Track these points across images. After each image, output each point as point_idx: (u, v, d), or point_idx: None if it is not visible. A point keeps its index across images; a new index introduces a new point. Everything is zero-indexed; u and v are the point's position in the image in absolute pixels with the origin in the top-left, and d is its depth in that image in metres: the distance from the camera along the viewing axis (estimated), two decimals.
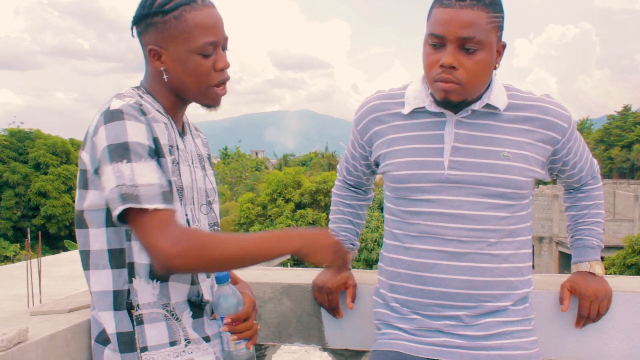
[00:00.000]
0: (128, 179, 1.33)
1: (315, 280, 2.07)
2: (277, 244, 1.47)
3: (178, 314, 1.52)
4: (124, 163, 1.34)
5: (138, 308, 1.48)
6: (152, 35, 1.50)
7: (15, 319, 1.67)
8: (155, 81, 1.56)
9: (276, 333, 2.17)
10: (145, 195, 1.33)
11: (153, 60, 1.52)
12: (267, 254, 1.46)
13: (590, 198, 1.93)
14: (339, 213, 2.08)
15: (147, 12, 1.49)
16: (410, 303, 1.74)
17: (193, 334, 1.54)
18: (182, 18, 1.47)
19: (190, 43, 1.48)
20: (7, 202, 33.06)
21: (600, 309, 1.86)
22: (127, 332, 1.47)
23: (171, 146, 1.50)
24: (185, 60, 1.49)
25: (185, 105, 1.61)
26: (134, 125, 1.38)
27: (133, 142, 1.36)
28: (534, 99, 1.71)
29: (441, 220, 1.67)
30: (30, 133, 36.05)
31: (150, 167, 1.37)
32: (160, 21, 1.48)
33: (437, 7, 1.57)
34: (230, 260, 1.43)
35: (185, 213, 1.52)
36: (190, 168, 1.58)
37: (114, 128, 1.37)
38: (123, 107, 1.40)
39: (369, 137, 1.83)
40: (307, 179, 32.96)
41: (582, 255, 1.90)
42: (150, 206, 1.33)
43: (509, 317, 1.70)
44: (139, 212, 1.34)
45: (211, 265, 1.43)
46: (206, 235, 1.42)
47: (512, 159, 1.66)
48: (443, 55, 1.56)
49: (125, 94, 1.48)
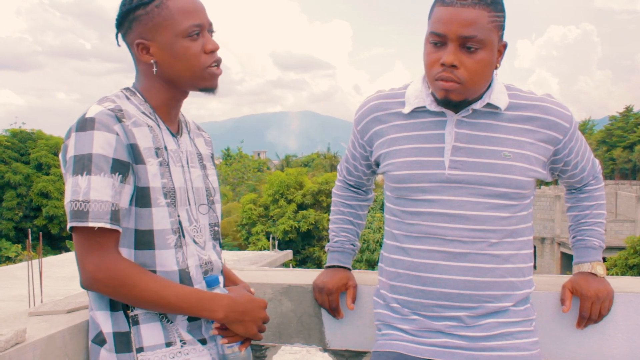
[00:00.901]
0: (82, 193, 1.38)
1: (316, 281, 2.07)
2: (200, 308, 1.49)
3: (171, 316, 1.52)
4: (83, 176, 1.38)
5: (134, 308, 1.48)
6: (137, 30, 1.51)
7: (14, 319, 1.67)
8: (146, 78, 1.56)
9: (277, 334, 2.16)
10: (94, 211, 1.37)
11: (142, 55, 1.52)
12: (187, 312, 1.50)
13: (592, 198, 1.92)
14: (339, 213, 2.08)
15: (129, 7, 1.50)
16: (410, 304, 1.73)
17: (187, 336, 1.53)
18: (164, 6, 1.49)
19: (175, 28, 1.49)
20: (9, 202, 33.11)
21: (601, 309, 1.85)
22: (123, 332, 1.47)
23: (158, 148, 1.50)
24: (173, 46, 1.50)
25: (179, 102, 1.61)
26: (102, 135, 1.40)
27: (96, 155, 1.39)
28: (535, 98, 1.70)
29: (442, 221, 1.66)
30: (32, 134, 36.14)
31: (107, 182, 1.40)
32: (143, 13, 1.49)
33: (439, 6, 1.57)
34: (145, 304, 1.46)
35: (177, 214, 1.52)
36: (183, 169, 1.58)
37: (83, 138, 1.40)
38: (97, 115, 1.41)
39: (369, 137, 1.82)
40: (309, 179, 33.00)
41: (583, 255, 1.89)
42: (96, 224, 1.37)
43: (510, 318, 1.69)
44: (83, 226, 1.38)
45: (126, 301, 1.46)
46: (132, 274, 1.43)
47: (513, 159, 1.65)
48: (444, 54, 1.55)
49: (109, 98, 1.49)
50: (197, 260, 1.57)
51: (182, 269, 1.52)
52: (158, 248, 1.48)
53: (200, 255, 1.58)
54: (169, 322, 1.51)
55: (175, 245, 1.51)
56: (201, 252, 1.59)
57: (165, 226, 1.49)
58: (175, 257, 1.51)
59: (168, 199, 1.50)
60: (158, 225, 1.48)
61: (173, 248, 1.51)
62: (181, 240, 1.52)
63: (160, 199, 1.48)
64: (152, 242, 1.48)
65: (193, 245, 1.56)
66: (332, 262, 2.06)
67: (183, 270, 1.52)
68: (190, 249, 1.55)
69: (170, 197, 1.50)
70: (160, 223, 1.48)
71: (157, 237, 1.48)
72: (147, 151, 1.47)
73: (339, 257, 2.05)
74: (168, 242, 1.50)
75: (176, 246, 1.51)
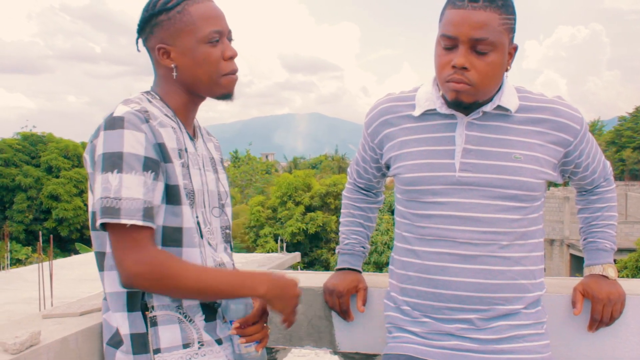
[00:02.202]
0: (114, 190, 1.37)
1: (326, 284, 2.07)
2: (242, 285, 1.49)
3: (191, 316, 1.53)
4: (114, 173, 1.38)
5: (153, 309, 1.49)
6: (159, 35, 1.53)
7: (28, 322, 1.68)
8: (165, 82, 1.58)
9: (287, 336, 2.17)
10: (126, 209, 1.37)
11: (163, 59, 1.54)
12: (229, 293, 1.50)
13: (603, 200, 1.91)
14: (349, 216, 2.08)
15: (152, 12, 1.53)
16: (421, 306, 1.73)
17: (206, 336, 1.54)
18: (186, 11, 1.51)
19: (197, 33, 1.51)
20: (19, 205, 33.27)
21: (613, 312, 1.85)
22: (140, 334, 1.48)
23: (180, 150, 1.52)
24: (194, 51, 1.52)
25: (196, 106, 1.63)
26: (132, 134, 1.40)
27: (127, 153, 1.39)
28: (545, 100, 1.70)
29: (452, 223, 1.67)
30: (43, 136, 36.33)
31: (139, 180, 1.40)
32: (165, 19, 1.52)
33: (450, 9, 1.57)
34: (188, 292, 1.45)
35: (195, 215, 1.53)
36: (200, 171, 1.59)
37: (112, 136, 1.40)
38: (125, 115, 1.42)
39: (379, 140, 1.83)
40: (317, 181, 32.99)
41: (594, 258, 1.89)
42: (128, 221, 1.37)
43: (521, 321, 1.69)
44: (117, 224, 1.38)
45: (168, 293, 1.46)
46: (172, 264, 1.42)
47: (523, 161, 1.65)
48: (455, 56, 1.56)
49: (133, 100, 1.50)
50: (212, 262, 1.58)
51: None
52: (185, 246, 1.50)
53: (213, 258, 1.59)
54: (190, 321, 1.53)
55: (199, 244, 1.53)
56: (214, 254, 1.60)
57: (192, 224, 1.51)
58: (200, 256, 1.53)
59: (189, 200, 1.52)
60: (187, 222, 1.50)
61: (198, 247, 1.53)
62: (201, 241, 1.54)
63: (185, 198, 1.50)
64: (180, 239, 1.49)
65: (208, 247, 1.58)
66: (343, 264, 2.06)
67: None
68: (206, 251, 1.57)
69: (190, 198, 1.52)
70: (189, 221, 1.51)
71: (185, 235, 1.50)
72: (173, 151, 1.49)
73: (349, 260, 2.05)
74: (195, 241, 1.52)
75: (199, 245, 1.53)
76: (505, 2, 1.56)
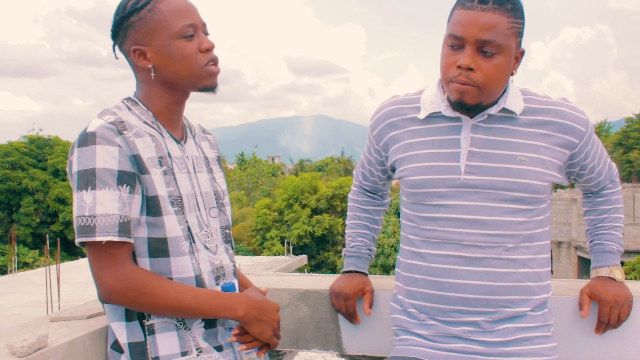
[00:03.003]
0: (88, 208, 1.38)
1: (333, 286, 2.07)
2: (220, 307, 1.50)
3: (188, 323, 1.52)
4: (88, 191, 1.38)
5: (149, 318, 1.49)
6: (132, 36, 1.52)
7: (35, 325, 1.69)
8: (145, 85, 1.57)
9: (293, 339, 2.17)
10: (101, 225, 1.38)
11: (139, 61, 1.53)
12: (207, 313, 1.50)
13: (610, 202, 1.91)
14: (356, 219, 2.08)
15: (122, 15, 1.52)
16: (427, 309, 1.73)
17: (204, 344, 1.54)
18: (156, 9, 1.50)
19: (169, 29, 1.50)
20: (26, 208, 33.41)
21: (620, 314, 1.84)
22: (138, 342, 1.48)
23: (161, 157, 1.51)
24: (169, 47, 1.51)
25: (180, 106, 1.61)
26: (104, 149, 1.40)
27: (100, 169, 1.39)
28: (550, 102, 1.69)
29: (458, 226, 1.66)
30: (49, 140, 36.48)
31: (114, 195, 1.40)
32: (136, 20, 1.50)
33: (459, 9, 1.57)
34: (166, 310, 1.46)
35: (186, 221, 1.52)
36: (189, 175, 1.58)
37: (85, 153, 1.40)
38: (97, 130, 1.41)
39: (384, 143, 1.83)
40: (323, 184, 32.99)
41: (601, 260, 1.88)
42: (103, 239, 1.37)
43: (528, 323, 1.68)
44: (93, 242, 1.39)
45: (146, 310, 1.46)
46: (150, 282, 1.43)
47: (528, 163, 1.64)
48: (461, 57, 1.56)
49: (109, 110, 1.50)
50: (209, 266, 1.57)
51: (197, 275, 1.53)
52: (173, 255, 1.49)
53: (211, 261, 1.59)
54: (186, 329, 1.52)
55: (189, 251, 1.52)
56: (212, 257, 1.59)
57: (177, 233, 1.50)
58: (191, 263, 1.52)
59: (175, 207, 1.50)
60: (171, 232, 1.49)
61: (188, 254, 1.52)
62: (192, 247, 1.53)
63: (169, 207, 1.49)
64: (167, 249, 1.49)
65: (204, 251, 1.57)
66: (349, 267, 2.06)
67: (198, 276, 1.53)
68: (202, 255, 1.56)
69: (178, 205, 1.51)
70: (172, 230, 1.49)
71: (170, 245, 1.49)
72: (150, 161, 1.48)
73: (355, 262, 2.06)
74: (182, 249, 1.51)
75: (190, 252, 1.52)
76: (514, 6, 1.56)
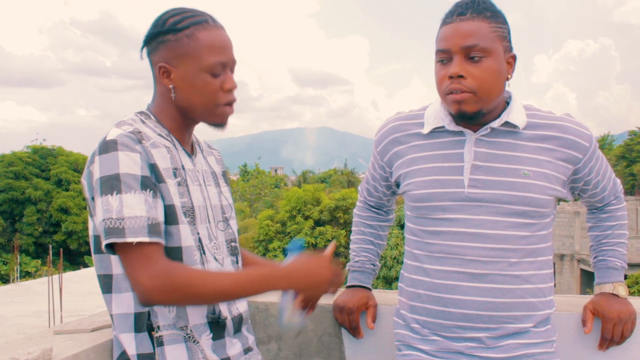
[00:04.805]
0: (115, 211, 1.36)
1: (336, 301, 2.07)
2: (262, 285, 1.48)
3: (196, 336, 1.52)
4: (113, 195, 1.37)
5: (158, 329, 1.49)
6: (163, 53, 1.52)
7: (40, 337, 1.69)
8: (162, 101, 1.57)
9: (297, 353, 2.17)
10: (130, 227, 1.36)
11: (162, 78, 1.53)
12: (251, 293, 1.48)
13: (614, 218, 1.91)
14: (360, 234, 2.09)
15: (160, 30, 1.51)
16: (430, 324, 1.73)
17: (212, 356, 1.53)
18: (194, 37, 1.49)
19: (201, 61, 1.49)
20: (29, 218, 33.46)
21: (624, 331, 1.84)
22: (147, 354, 1.48)
23: (176, 168, 1.52)
24: (194, 78, 1.50)
25: (191, 126, 1.62)
26: (127, 155, 1.40)
27: (124, 174, 1.39)
28: (554, 117, 1.70)
29: (461, 240, 1.67)
30: (53, 150, 36.59)
31: (139, 199, 1.39)
32: (172, 39, 1.50)
33: (441, 27, 1.63)
34: (210, 298, 1.45)
35: (197, 232, 1.53)
36: (201, 187, 1.59)
37: (107, 159, 1.40)
38: (118, 137, 1.42)
39: (389, 158, 1.84)
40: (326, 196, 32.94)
41: (605, 276, 1.88)
42: (134, 239, 1.36)
43: (531, 339, 1.68)
44: (123, 244, 1.37)
45: (190, 302, 1.44)
46: (187, 272, 1.41)
47: (532, 177, 1.65)
48: (451, 68, 1.59)
49: (125, 121, 1.50)
50: None
51: None
52: (186, 264, 1.49)
53: None
54: (194, 342, 1.52)
55: (200, 262, 1.52)
56: (221, 269, 1.60)
57: (191, 243, 1.50)
58: None
59: (188, 217, 1.51)
60: (185, 241, 1.49)
61: (199, 265, 1.52)
62: (203, 258, 1.54)
63: (182, 217, 1.49)
64: (181, 258, 1.48)
65: (214, 262, 1.57)
66: (353, 281, 2.07)
67: None
68: (211, 267, 1.56)
69: (190, 216, 1.51)
70: (187, 239, 1.49)
71: (185, 254, 1.49)
72: (166, 171, 1.48)
73: (359, 277, 2.06)
74: (195, 259, 1.51)
75: (201, 263, 1.52)
76: (494, 14, 1.60)
